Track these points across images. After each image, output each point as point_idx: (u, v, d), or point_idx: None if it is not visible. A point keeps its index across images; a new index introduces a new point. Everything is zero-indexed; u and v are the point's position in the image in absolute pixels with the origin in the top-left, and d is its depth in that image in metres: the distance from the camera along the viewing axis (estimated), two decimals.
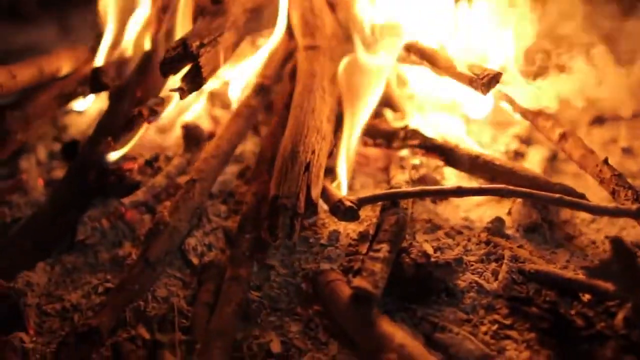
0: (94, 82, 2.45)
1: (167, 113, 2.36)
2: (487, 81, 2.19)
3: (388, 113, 2.62)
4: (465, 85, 2.29)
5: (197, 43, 2.14)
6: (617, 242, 1.76)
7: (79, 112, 2.87)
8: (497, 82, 2.19)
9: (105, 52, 2.66)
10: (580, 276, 1.97)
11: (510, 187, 2.06)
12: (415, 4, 2.55)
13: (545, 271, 1.99)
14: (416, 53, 2.48)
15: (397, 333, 1.74)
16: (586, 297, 1.91)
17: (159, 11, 2.61)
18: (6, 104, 2.39)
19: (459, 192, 2.08)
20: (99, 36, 2.74)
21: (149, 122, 2.30)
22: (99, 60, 2.61)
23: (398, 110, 2.63)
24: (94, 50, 2.72)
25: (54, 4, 3.90)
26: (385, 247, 1.94)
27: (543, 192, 2.05)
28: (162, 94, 2.35)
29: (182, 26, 2.40)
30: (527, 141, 2.72)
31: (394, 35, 2.50)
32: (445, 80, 2.43)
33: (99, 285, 2.11)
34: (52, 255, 2.21)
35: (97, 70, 2.44)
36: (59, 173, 2.58)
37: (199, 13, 2.38)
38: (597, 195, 2.30)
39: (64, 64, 2.63)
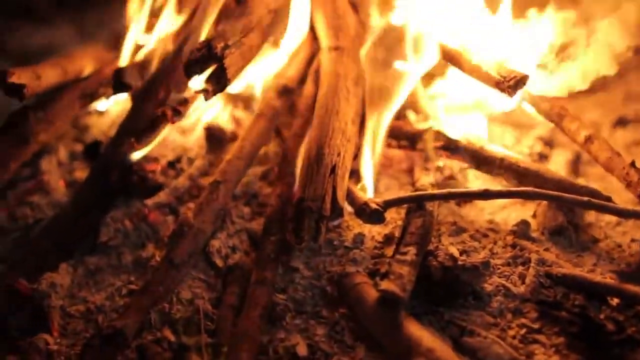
0: (116, 82, 2.44)
1: (190, 114, 2.36)
2: (514, 83, 2.17)
3: (411, 114, 2.60)
4: (491, 87, 2.27)
5: (222, 44, 2.13)
6: None
7: (101, 113, 2.87)
8: (524, 84, 2.17)
9: (128, 53, 2.65)
10: (609, 280, 1.96)
11: (538, 190, 2.04)
12: (441, 5, 2.53)
13: (573, 275, 1.97)
14: (441, 54, 2.46)
15: (425, 336, 1.73)
16: (615, 301, 1.89)
17: (182, 12, 2.60)
18: (29, 105, 2.38)
19: (486, 194, 2.06)
20: (119, 36, 2.73)
21: (173, 123, 2.29)
22: (122, 61, 2.61)
23: (421, 111, 2.61)
24: (114, 50, 2.71)
25: (69, 5, 3.90)
26: (412, 249, 1.93)
27: (571, 195, 2.03)
28: (185, 94, 2.35)
29: (207, 27, 2.38)
30: (550, 143, 2.70)
31: (424, 38, 2.49)
32: (469, 81, 2.41)
33: (123, 287, 2.11)
34: (74, 257, 2.20)
35: (119, 71, 2.43)
36: (81, 174, 2.58)
37: (223, 14, 2.37)
38: (622, 197, 2.28)
39: (86, 65, 2.63)
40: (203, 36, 2.35)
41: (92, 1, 3.76)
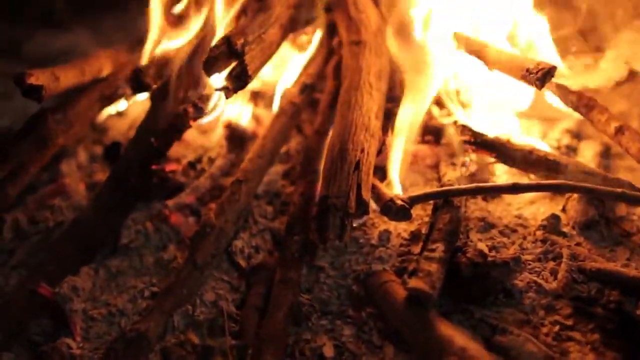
0: (135, 82, 2.42)
1: (210, 112, 2.33)
2: (541, 75, 2.10)
3: (434, 109, 2.55)
4: (518, 80, 2.21)
5: (242, 41, 2.09)
6: None
7: (120, 114, 2.85)
8: (552, 76, 2.11)
9: (147, 52, 2.62)
10: None
11: (570, 182, 1.98)
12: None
13: (607, 269, 1.91)
14: (465, 47, 2.41)
15: (456, 336, 1.67)
16: None
17: (201, 9, 2.56)
18: (47, 107, 2.35)
19: (516, 188, 2.00)
20: (136, 39, 2.71)
21: (194, 120, 2.26)
22: (141, 61, 2.58)
23: (445, 106, 2.55)
24: (132, 52, 2.69)
25: (87, 10, 3.89)
26: (440, 246, 1.88)
27: (605, 187, 1.97)
28: (206, 92, 2.32)
29: (226, 23, 2.35)
30: (578, 136, 2.64)
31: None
32: (494, 75, 2.36)
33: (145, 290, 2.08)
34: (96, 260, 2.18)
35: (138, 71, 2.41)
36: (101, 176, 2.56)
37: (242, 10, 2.33)
38: None
39: (104, 66, 2.60)
40: (222, 33, 2.30)
41: (109, 6, 3.75)
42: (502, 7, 2.49)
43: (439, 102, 2.55)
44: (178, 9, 2.62)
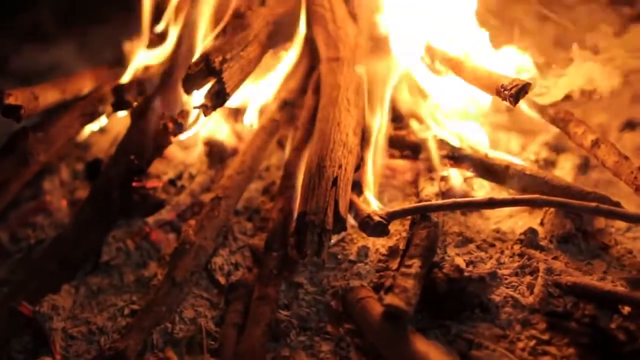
0: (116, 100, 2.43)
1: (192, 128, 2.34)
2: (515, 92, 2.11)
3: (414, 123, 2.56)
4: (492, 95, 2.23)
5: (220, 58, 2.11)
6: None
7: (102, 131, 2.85)
8: (526, 93, 2.12)
9: (128, 70, 2.64)
10: (620, 288, 1.91)
11: (544, 197, 2.01)
12: (441, 13, 2.51)
13: (583, 283, 1.92)
14: (442, 62, 2.43)
15: (432, 351, 1.69)
16: (626, 309, 1.84)
17: (180, 27, 2.58)
18: (28, 125, 2.36)
19: (491, 203, 2.03)
20: (120, 54, 2.72)
21: (174, 136, 2.27)
22: (121, 79, 2.59)
23: (423, 120, 2.57)
24: (115, 68, 2.70)
25: (74, 24, 3.91)
26: (416, 262, 1.89)
27: (578, 201, 2.00)
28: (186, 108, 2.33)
29: (204, 41, 2.36)
30: (556, 149, 2.65)
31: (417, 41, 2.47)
32: (471, 90, 2.38)
33: (125, 307, 2.09)
34: (77, 277, 2.19)
35: (119, 89, 2.42)
36: (83, 193, 2.56)
37: (221, 27, 2.35)
38: (632, 202, 2.24)
39: (85, 84, 2.62)
40: (201, 50, 2.32)
41: (95, 20, 3.77)
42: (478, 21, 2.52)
43: (417, 117, 2.57)
44: (159, 27, 2.63)
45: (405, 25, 2.50)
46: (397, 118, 2.53)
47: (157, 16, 2.67)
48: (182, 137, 2.31)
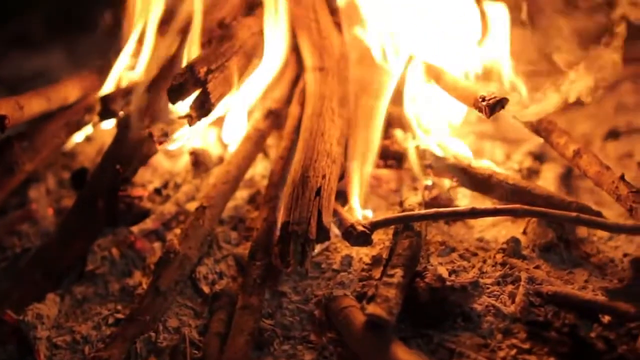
0: (102, 109, 2.44)
1: (177, 137, 2.35)
2: (492, 104, 2.13)
3: (398, 133, 2.58)
4: (469, 106, 2.26)
5: (205, 69, 2.13)
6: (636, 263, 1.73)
7: (89, 140, 2.86)
8: (503, 107, 2.14)
9: (114, 79, 2.65)
10: (600, 297, 1.93)
11: (525, 207, 2.02)
12: (426, 23, 2.53)
13: (563, 293, 1.94)
14: (424, 72, 2.46)
15: None
16: (606, 319, 1.86)
17: (166, 37, 2.59)
18: (14, 134, 2.37)
19: (473, 213, 2.04)
20: (106, 62, 2.73)
21: (160, 144, 2.28)
22: (107, 88, 2.60)
23: (408, 130, 2.59)
24: (101, 76, 2.71)
25: (62, 31, 3.91)
26: (399, 272, 1.90)
27: (559, 211, 2.02)
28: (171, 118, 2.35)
29: (190, 51, 2.38)
30: (540, 158, 2.68)
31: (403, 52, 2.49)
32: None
33: (110, 316, 2.09)
34: (62, 286, 2.19)
35: (105, 98, 2.42)
36: (69, 202, 2.56)
37: (206, 38, 2.36)
38: (615, 211, 2.27)
39: (71, 93, 2.62)
40: (186, 61, 2.33)
41: (84, 27, 3.77)
42: (462, 32, 2.53)
43: (402, 126, 2.59)
44: (146, 37, 2.64)
45: (390, 34, 2.52)
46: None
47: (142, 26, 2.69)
48: (169, 147, 2.32)
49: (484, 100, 2.12)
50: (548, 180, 2.51)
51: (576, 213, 1.99)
